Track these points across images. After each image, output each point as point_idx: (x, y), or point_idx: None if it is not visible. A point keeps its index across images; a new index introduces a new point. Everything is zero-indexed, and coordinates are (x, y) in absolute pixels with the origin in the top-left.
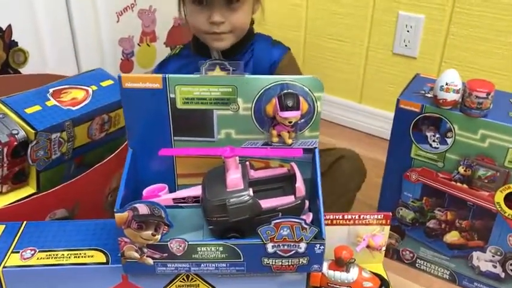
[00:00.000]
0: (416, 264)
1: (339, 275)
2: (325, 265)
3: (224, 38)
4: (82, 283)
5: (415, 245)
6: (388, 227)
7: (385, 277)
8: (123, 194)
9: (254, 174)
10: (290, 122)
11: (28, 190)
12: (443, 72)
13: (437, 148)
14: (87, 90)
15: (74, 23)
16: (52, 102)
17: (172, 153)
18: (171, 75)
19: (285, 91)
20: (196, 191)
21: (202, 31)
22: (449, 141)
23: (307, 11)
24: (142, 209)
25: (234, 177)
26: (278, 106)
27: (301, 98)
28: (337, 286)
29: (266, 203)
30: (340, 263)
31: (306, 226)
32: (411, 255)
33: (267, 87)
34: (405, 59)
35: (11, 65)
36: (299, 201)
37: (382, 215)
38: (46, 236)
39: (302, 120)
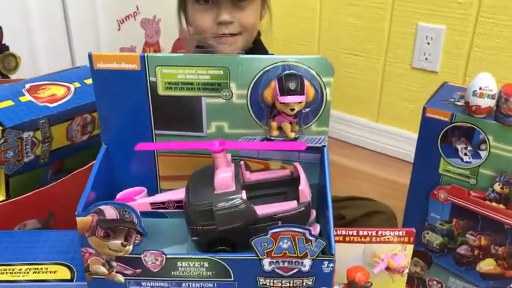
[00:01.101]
0: None
1: None
2: None
3: (233, 41)
4: None
5: (443, 274)
6: (412, 246)
7: None
8: (90, 197)
9: (250, 176)
10: (292, 110)
11: None
12: (476, 76)
13: (470, 162)
14: (68, 87)
15: (71, 28)
16: (27, 98)
17: (151, 147)
18: (150, 54)
19: (287, 72)
20: (179, 194)
21: (209, 33)
22: (483, 154)
23: (320, 24)
24: (110, 212)
25: (223, 176)
26: (278, 89)
27: (306, 81)
28: None
29: (263, 209)
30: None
31: (311, 238)
32: (439, 286)
33: (266, 69)
34: (425, 73)
35: (0, 70)
36: (303, 208)
37: (404, 232)
38: (5, 248)
39: (307, 109)
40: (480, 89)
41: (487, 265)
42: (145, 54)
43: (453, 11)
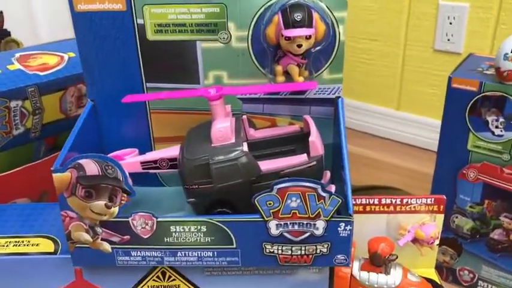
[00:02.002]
0: (478, 287)
1: (376, 278)
2: (356, 265)
3: None
4: (21, 279)
5: (475, 262)
6: (442, 215)
7: (439, 283)
8: (69, 156)
9: (254, 134)
10: (300, 47)
11: None
12: (508, 38)
13: (502, 136)
14: (61, 57)
15: None
16: (16, 66)
17: (140, 98)
18: None
19: (292, 2)
20: (173, 151)
21: None
22: None
23: None
24: (91, 167)
25: (221, 126)
26: (282, 22)
27: (315, 14)
28: None
29: (267, 164)
30: (377, 261)
31: (324, 194)
32: (471, 275)
33: (269, 3)
34: (449, 55)
35: None
36: (314, 162)
37: (433, 199)
38: None
39: (318, 48)
40: None
41: None
42: None
43: None
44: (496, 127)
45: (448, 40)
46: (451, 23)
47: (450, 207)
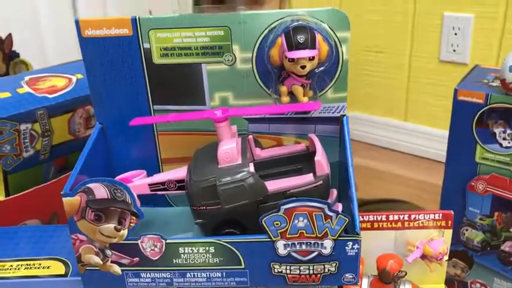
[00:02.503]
0: None
1: None
2: (365, 283)
3: None
4: None
5: (487, 275)
6: (450, 230)
7: None
8: (78, 179)
9: (260, 153)
10: (303, 68)
11: None
12: None
13: (510, 148)
14: (70, 79)
15: None
16: (25, 89)
17: (147, 121)
18: (143, 16)
19: (295, 24)
20: (180, 173)
21: None
22: None
23: None
24: (100, 191)
25: (227, 147)
26: (285, 44)
27: (318, 35)
28: None
29: (274, 184)
30: (386, 278)
31: (330, 214)
32: None
33: (272, 25)
34: (454, 66)
35: None
36: (320, 181)
37: (441, 215)
38: None
39: (321, 69)
40: None
41: None
42: (137, 17)
43: None
44: (504, 139)
45: (454, 51)
46: (456, 34)
47: (460, 220)
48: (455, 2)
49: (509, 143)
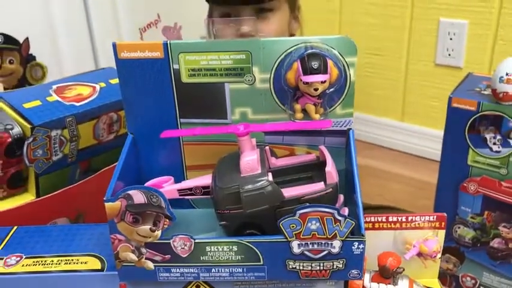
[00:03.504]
0: None
1: None
2: (367, 277)
3: None
4: None
5: (477, 269)
6: (443, 231)
7: None
8: (118, 186)
9: (275, 162)
10: (316, 90)
11: (27, 197)
12: (503, 62)
13: (499, 152)
14: (94, 87)
15: (94, 38)
16: (54, 97)
17: (176, 134)
18: (173, 41)
19: (309, 51)
20: (206, 180)
21: None
22: None
23: (340, 26)
24: (138, 197)
25: (249, 159)
26: (301, 69)
27: (329, 61)
28: None
29: (289, 192)
30: (386, 273)
31: (339, 218)
32: (473, 282)
33: (288, 51)
34: (449, 69)
35: (28, 80)
36: (330, 189)
37: (435, 217)
38: (37, 242)
39: (331, 90)
40: (507, 74)
41: None
42: (168, 42)
43: (475, 4)
44: (494, 144)
45: (449, 55)
46: (451, 39)
47: (452, 218)
48: (450, 9)
49: (498, 147)
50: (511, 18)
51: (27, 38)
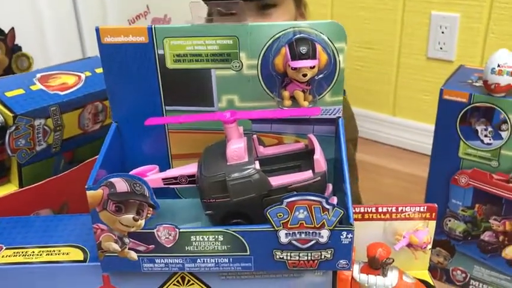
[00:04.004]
0: (470, 287)
1: (374, 280)
2: (356, 268)
3: None
4: (55, 285)
5: (467, 263)
6: (434, 222)
7: (432, 284)
8: (100, 175)
9: (263, 151)
10: (305, 76)
11: (9, 187)
12: (495, 53)
13: (491, 144)
14: (79, 76)
15: (82, 28)
16: (38, 86)
17: (161, 121)
18: (158, 26)
19: (298, 36)
20: (191, 168)
21: None
22: (504, 134)
23: (331, 19)
24: (120, 185)
25: (235, 147)
26: (289, 55)
27: (318, 46)
28: None
29: (277, 180)
30: (375, 264)
31: (327, 207)
32: (463, 275)
33: (276, 36)
34: (441, 63)
35: (14, 71)
36: (318, 178)
37: (426, 207)
38: (18, 233)
39: (320, 76)
40: (499, 66)
41: None
42: (153, 26)
43: None
44: (485, 136)
45: (441, 48)
46: (443, 32)
47: (443, 211)
48: (442, 2)
49: (490, 139)
50: (502, 12)
51: (12, 28)
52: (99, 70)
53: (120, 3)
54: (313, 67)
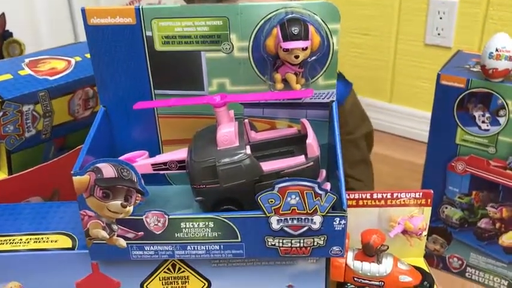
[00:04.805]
0: (467, 274)
1: (368, 267)
2: (350, 255)
3: None
4: (42, 272)
5: (464, 250)
6: (429, 208)
7: (428, 271)
8: (87, 161)
9: (255, 136)
10: (297, 57)
11: None
12: (493, 37)
13: (488, 130)
14: (69, 61)
15: (74, 14)
16: (26, 71)
17: (150, 105)
18: (146, 6)
19: (290, 16)
20: (181, 154)
21: None
22: (502, 120)
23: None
24: (107, 170)
25: (225, 131)
26: (280, 35)
27: (311, 27)
28: (366, 281)
29: (268, 165)
30: (370, 251)
31: (320, 192)
32: (460, 262)
33: (268, 17)
34: (439, 49)
35: (4, 57)
36: (311, 163)
37: (421, 193)
38: (6, 220)
39: (313, 58)
40: (497, 50)
41: (509, 238)
42: (141, 6)
43: None
44: (483, 122)
45: (439, 34)
46: (441, 18)
47: (440, 198)
48: None
49: (487, 126)
50: None
51: (3, 14)
52: (89, 55)
53: None
54: (306, 48)
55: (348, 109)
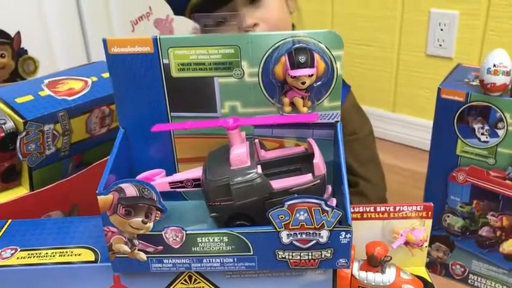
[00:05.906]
0: (469, 280)
1: (373, 277)
2: (356, 266)
3: None
4: (68, 285)
5: (466, 257)
6: (430, 220)
7: (429, 280)
8: (110, 180)
9: (265, 154)
10: (303, 84)
11: (21, 190)
12: (490, 53)
13: (487, 142)
14: (85, 81)
15: (86, 31)
16: (46, 92)
17: (166, 128)
18: (163, 36)
19: (296, 45)
20: (197, 172)
21: None
22: (500, 133)
23: (332, 17)
24: (130, 190)
25: (238, 152)
26: (288, 63)
27: (316, 55)
28: None
29: (278, 183)
30: (374, 262)
31: (327, 209)
32: (462, 269)
33: (276, 45)
34: (440, 60)
35: (20, 74)
36: (318, 181)
37: (422, 206)
38: (32, 235)
39: (318, 83)
40: (494, 66)
41: (510, 246)
42: (158, 36)
43: None
44: (482, 134)
45: (440, 45)
46: (442, 30)
47: (442, 207)
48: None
49: (486, 138)
50: (500, 9)
51: (18, 32)
52: (105, 75)
53: (122, 5)
54: (312, 75)
55: (349, 107)
